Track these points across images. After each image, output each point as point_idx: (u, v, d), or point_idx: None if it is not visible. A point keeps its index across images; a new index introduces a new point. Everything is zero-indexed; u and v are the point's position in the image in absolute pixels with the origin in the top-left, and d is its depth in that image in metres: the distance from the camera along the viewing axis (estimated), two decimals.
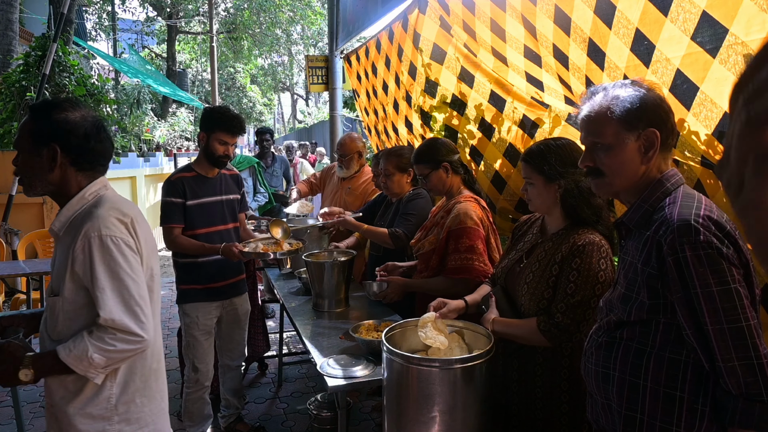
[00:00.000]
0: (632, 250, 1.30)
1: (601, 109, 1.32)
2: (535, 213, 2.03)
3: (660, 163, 1.31)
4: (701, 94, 1.44)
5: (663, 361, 1.24)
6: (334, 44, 6.08)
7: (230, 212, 2.99)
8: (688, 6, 1.39)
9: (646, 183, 1.31)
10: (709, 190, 1.75)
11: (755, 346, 1.10)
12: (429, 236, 2.50)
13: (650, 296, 1.23)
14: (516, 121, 2.93)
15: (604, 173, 1.34)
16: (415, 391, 1.66)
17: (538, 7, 2.00)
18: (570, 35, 1.87)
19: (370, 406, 3.58)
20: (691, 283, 1.14)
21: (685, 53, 1.44)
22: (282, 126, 41.53)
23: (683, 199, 1.24)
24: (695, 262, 1.13)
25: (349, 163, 3.90)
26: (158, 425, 1.64)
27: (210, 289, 2.93)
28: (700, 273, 1.13)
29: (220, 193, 2.94)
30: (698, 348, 1.16)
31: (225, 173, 3.00)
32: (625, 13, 1.58)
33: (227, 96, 25.78)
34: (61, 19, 5.29)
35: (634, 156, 1.29)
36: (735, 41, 1.31)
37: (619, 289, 1.34)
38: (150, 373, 1.62)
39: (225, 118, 2.82)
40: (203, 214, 2.86)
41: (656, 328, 1.25)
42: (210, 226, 2.88)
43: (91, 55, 13.86)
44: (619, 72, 1.68)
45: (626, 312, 1.29)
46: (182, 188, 2.80)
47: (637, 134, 1.28)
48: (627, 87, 1.30)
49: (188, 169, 2.91)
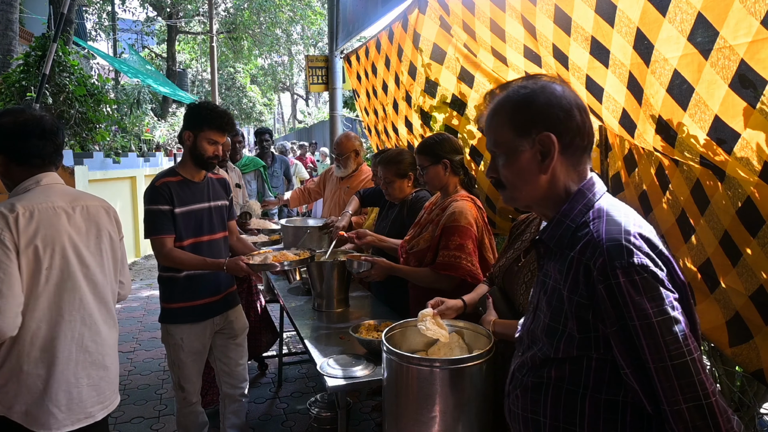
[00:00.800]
0: (554, 273, 1.13)
1: (494, 114, 1.17)
2: (533, 213, 2.02)
3: (572, 171, 1.14)
4: (696, 96, 1.44)
5: (599, 405, 1.07)
6: (334, 44, 6.08)
7: (219, 220, 2.70)
8: (685, 6, 1.39)
9: (560, 194, 1.14)
10: (708, 191, 1.75)
11: (702, 384, 0.97)
12: (424, 234, 2.50)
13: (580, 329, 1.07)
14: None
15: (504, 185, 1.19)
16: (415, 391, 1.66)
17: (538, 7, 2.00)
18: (571, 35, 1.87)
19: (370, 406, 3.58)
20: (627, 315, 0.98)
21: (682, 54, 1.44)
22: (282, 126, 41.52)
23: (609, 213, 1.08)
24: (630, 290, 0.98)
25: (346, 162, 3.93)
26: (32, 410, 1.72)
27: (201, 307, 2.61)
28: (637, 302, 0.98)
29: (208, 199, 2.65)
30: (639, 389, 1.01)
31: (212, 177, 2.72)
32: (625, 12, 1.58)
33: (227, 96, 25.77)
34: (61, 19, 5.29)
35: (531, 165, 1.12)
36: (724, 45, 1.31)
37: (542, 318, 1.16)
38: (27, 360, 1.72)
39: (214, 115, 2.53)
40: (190, 223, 2.56)
41: (588, 366, 1.08)
42: (197, 236, 2.58)
43: (91, 55, 13.86)
44: (625, 69, 1.68)
45: (553, 347, 1.11)
46: (169, 194, 2.49)
47: (531, 140, 1.11)
48: (520, 85, 1.15)
49: (172, 173, 2.58)
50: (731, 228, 1.67)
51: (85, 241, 1.84)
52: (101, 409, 1.88)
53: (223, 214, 2.73)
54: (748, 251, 1.64)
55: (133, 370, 4.27)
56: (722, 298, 1.81)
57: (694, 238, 1.90)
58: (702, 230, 1.83)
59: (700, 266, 1.90)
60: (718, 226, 1.73)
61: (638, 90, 1.67)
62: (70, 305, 1.78)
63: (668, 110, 1.56)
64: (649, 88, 1.61)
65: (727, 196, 1.65)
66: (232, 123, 2.61)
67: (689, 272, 1.98)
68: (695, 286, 1.96)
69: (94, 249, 1.88)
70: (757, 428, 2.21)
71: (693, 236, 1.90)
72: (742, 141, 1.38)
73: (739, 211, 1.61)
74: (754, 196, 1.54)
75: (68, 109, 7.35)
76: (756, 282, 1.63)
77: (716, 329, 1.84)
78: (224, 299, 2.71)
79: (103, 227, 1.92)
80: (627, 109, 1.79)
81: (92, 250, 1.87)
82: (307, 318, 2.74)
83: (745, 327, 1.73)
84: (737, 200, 1.61)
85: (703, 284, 1.90)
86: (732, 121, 1.37)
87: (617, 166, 2.41)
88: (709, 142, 1.47)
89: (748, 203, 1.57)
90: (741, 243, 1.65)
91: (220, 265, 2.51)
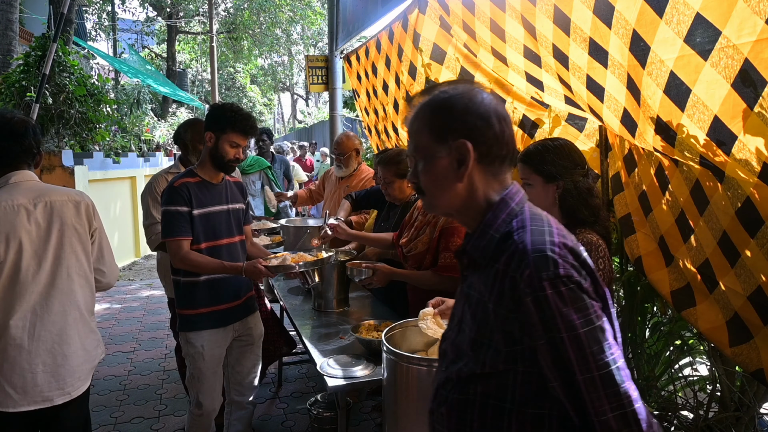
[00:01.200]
0: (479, 286, 1.10)
1: (414, 118, 1.15)
2: None
3: (492, 181, 1.12)
4: (693, 96, 1.44)
5: (525, 420, 1.05)
6: (334, 44, 6.08)
7: (236, 223, 2.63)
8: (682, 8, 1.39)
9: (480, 204, 1.12)
10: (708, 192, 1.75)
11: (626, 393, 0.97)
12: (421, 236, 2.49)
13: (506, 343, 1.04)
14: (516, 121, 2.94)
15: (423, 191, 1.17)
16: (415, 391, 1.67)
17: (538, 7, 2.00)
18: (570, 35, 1.87)
19: (370, 406, 3.58)
20: (554, 327, 0.97)
21: (678, 55, 1.44)
22: (282, 126, 41.52)
23: (532, 223, 1.07)
24: (557, 301, 0.97)
25: (347, 161, 3.91)
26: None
27: (222, 312, 2.54)
28: (564, 314, 0.97)
29: (226, 201, 2.59)
30: (566, 402, 1.00)
31: (229, 180, 2.66)
32: (623, 13, 1.58)
33: (227, 96, 25.77)
34: (61, 19, 5.29)
35: (448, 172, 1.10)
36: (727, 44, 1.31)
37: (467, 332, 1.13)
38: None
39: (239, 117, 2.46)
40: (208, 226, 2.50)
41: (515, 380, 1.05)
42: (215, 240, 2.52)
43: (91, 55, 13.86)
44: (623, 70, 1.68)
45: (479, 362, 1.08)
46: (188, 195, 2.43)
47: (447, 147, 1.09)
48: (441, 90, 1.13)
49: (191, 174, 2.52)
50: (730, 229, 1.67)
51: (44, 236, 1.95)
52: (61, 394, 1.98)
53: (240, 218, 2.68)
54: (747, 252, 1.64)
55: (133, 370, 4.27)
56: (721, 298, 1.81)
57: (693, 238, 1.90)
58: (701, 231, 1.83)
59: (699, 267, 1.90)
60: (717, 227, 1.73)
61: (636, 91, 1.68)
62: (21, 297, 1.91)
63: (666, 111, 1.56)
64: (646, 90, 1.61)
65: (727, 197, 1.65)
66: (256, 126, 2.57)
67: (689, 272, 1.98)
68: (695, 286, 1.96)
69: (56, 243, 1.98)
70: (757, 428, 2.21)
71: (692, 237, 1.91)
72: (739, 143, 1.38)
73: (739, 212, 1.61)
74: (754, 197, 1.54)
75: (68, 109, 7.35)
76: (754, 283, 1.63)
77: (716, 329, 1.84)
78: (244, 304, 2.65)
79: (68, 221, 2.01)
80: (628, 108, 1.79)
81: (53, 244, 1.97)
82: (307, 318, 2.74)
83: (744, 327, 1.73)
84: (736, 201, 1.61)
85: (702, 285, 1.90)
86: (731, 123, 1.37)
87: (617, 166, 2.42)
88: (709, 142, 1.47)
89: (748, 204, 1.57)
90: (740, 244, 1.65)
91: (238, 269, 2.44)
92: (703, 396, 2.47)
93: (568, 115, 2.68)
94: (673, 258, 2.07)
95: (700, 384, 2.54)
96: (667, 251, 2.09)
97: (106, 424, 3.41)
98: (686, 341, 2.51)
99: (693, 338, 2.50)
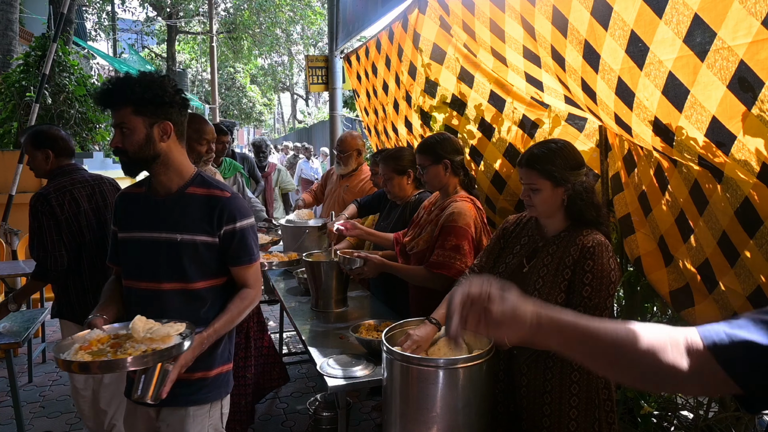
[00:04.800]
0: None
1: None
2: (524, 214, 1.98)
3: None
4: (691, 97, 1.44)
5: None
6: (334, 44, 6.08)
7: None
8: (681, 8, 1.39)
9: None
10: (707, 192, 1.75)
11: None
12: (423, 234, 2.49)
13: None
14: (516, 121, 2.94)
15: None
16: (415, 391, 1.66)
17: (537, 7, 2.00)
18: (567, 37, 1.87)
19: (370, 406, 3.58)
20: None
21: (677, 56, 1.44)
22: (282, 126, 41.49)
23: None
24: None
25: (347, 160, 3.92)
26: None
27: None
28: None
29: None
30: None
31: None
32: (621, 14, 1.58)
33: (227, 96, 25.76)
34: (61, 19, 5.29)
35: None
36: (722, 45, 1.30)
37: None
38: None
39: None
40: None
41: None
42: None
43: (91, 55, 13.86)
44: (614, 74, 1.68)
45: None
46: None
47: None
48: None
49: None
50: (729, 229, 1.67)
51: None
52: None
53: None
54: (746, 253, 1.64)
55: None
56: (720, 298, 1.81)
57: (692, 238, 1.91)
58: (701, 231, 1.83)
59: (699, 267, 1.90)
60: (717, 227, 1.73)
61: (628, 94, 1.67)
62: None
63: (664, 112, 1.56)
64: (642, 92, 1.61)
65: (726, 198, 1.65)
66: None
67: (688, 272, 1.98)
68: (694, 286, 1.96)
69: None
70: (757, 428, 2.21)
71: (692, 237, 1.91)
72: (738, 143, 1.38)
73: (738, 213, 1.61)
74: (753, 198, 1.55)
75: (68, 109, 7.35)
76: (753, 283, 1.63)
77: None
78: None
79: None
80: (618, 114, 1.79)
81: None
82: (306, 318, 2.74)
83: None
84: (736, 201, 1.61)
85: (701, 285, 1.90)
86: (729, 123, 1.37)
87: (617, 166, 2.42)
88: (708, 143, 1.48)
89: (747, 204, 1.57)
90: (739, 244, 1.65)
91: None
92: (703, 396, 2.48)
93: (568, 115, 2.69)
94: (672, 258, 2.07)
95: None
96: (667, 251, 2.10)
97: None
98: None
99: None
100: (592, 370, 1.28)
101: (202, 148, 2.63)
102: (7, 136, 6.98)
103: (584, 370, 1.70)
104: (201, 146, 2.62)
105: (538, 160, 1.76)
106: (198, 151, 2.60)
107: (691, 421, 2.44)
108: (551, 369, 1.74)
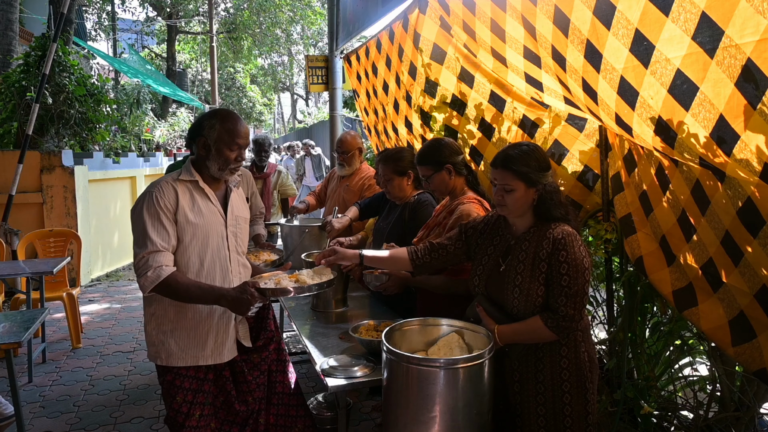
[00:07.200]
0: None
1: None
2: (492, 213, 2.09)
3: None
4: (701, 95, 1.43)
5: None
6: (334, 44, 6.08)
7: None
8: (688, 6, 1.39)
9: None
10: (708, 191, 1.75)
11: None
12: (431, 236, 2.50)
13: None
14: (516, 121, 2.93)
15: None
16: (415, 391, 1.66)
17: (538, 7, 1.99)
18: (568, 36, 1.86)
19: (370, 406, 3.58)
20: None
21: (686, 53, 1.43)
22: (282, 126, 41.50)
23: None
24: None
25: (351, 160, 3.90)
26: None
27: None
28: None
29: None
30: None
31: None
32: (625, 13, 1.58)
33: (227, 96, 25.76)
34: (61, 19, 5.29)
35: None
36: (730, 43, 1.31)
37: None
38: None
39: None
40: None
41: None
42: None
43: (91, 55, 13.86)
44: (616, 74, 1.68)
45: None
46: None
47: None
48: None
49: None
50: (732, 228, 1.67)
51: None
52: None
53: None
54: (749, 250, 1.64)
55: (133, 370, 4.27)
56: (726, 297, 1.81)
57: (695, 237, 1.90)
58: (703, 230, 1.83)
59: (703, 265, 1.90)
60: (719, 226, 1.73)
61: (632, 93, 1.66)
62: None
63: (669, 110, 1.56)
64: (646, 90, 1.60)
65: (727, 196, 1.65)
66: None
67: (691, 272, 1.98)
68: (697, 285, 1.96)
69: None
70: (757, 428, 2.21)
71: (695, 235, 1.91)
72: (741, 143, 1.38)
73: (740, 211, 1.61)
74: (755, 197, 1.54)
75: (68, 109, 7.35)
76: (759, 281, 1.63)
77: (718, 329, 1.84)
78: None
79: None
80: (619, 114, 1.79)
81: None
82: (306, 318, 2.74)
83: (748, 326, 1.73)
84: (737, 200, 1.61)
85: (705, 284, 1.90)
86: (734, 121, 1.37)
87: (617, 166, 2.42)
88: (710, 142, 1.47)
89: (749, 203, 1.57)
90: (742, 243, 1.65)
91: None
92: (703, 396, 2.47)
93: (568, 115, 2.68)
94: (674, 258, 2.07)
95: (700, 384, 2.54)
96: (669, 251, 2.09)
97: (106, 424, 3.41)
98: (686, 341, 2.51)
99: (693, 338, 2.50)
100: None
101: (231, 154, 2.12)
102: (7, 136, 6.98)
103: (572, 355, 1.82)
104: (231, 152, 2.12)
105: (514, 162, 1.85)
106: (226, 157, 2.12)
107: (691, 421, 2.44)
108: (542, 360, 1.84)
